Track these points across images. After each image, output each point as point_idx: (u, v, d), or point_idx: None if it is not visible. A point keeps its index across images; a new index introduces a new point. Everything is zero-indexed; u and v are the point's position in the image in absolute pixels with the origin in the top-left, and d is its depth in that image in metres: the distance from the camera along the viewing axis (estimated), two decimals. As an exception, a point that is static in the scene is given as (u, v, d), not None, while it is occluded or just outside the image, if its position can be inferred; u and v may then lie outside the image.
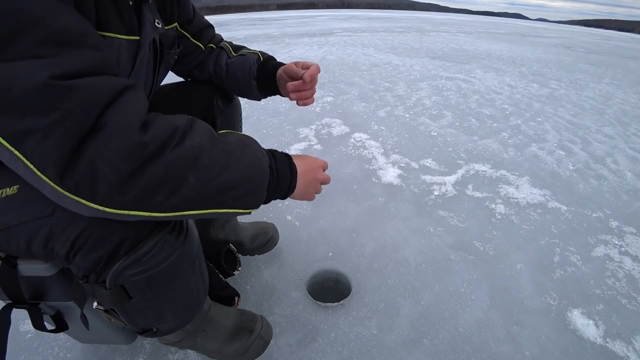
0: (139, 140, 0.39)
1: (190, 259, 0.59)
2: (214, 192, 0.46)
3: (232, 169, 0.47)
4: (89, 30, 0.42)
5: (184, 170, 0.43)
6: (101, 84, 0.39)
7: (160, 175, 0.41)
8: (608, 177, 1.87)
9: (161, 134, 0.41)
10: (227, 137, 0.50)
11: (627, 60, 7.01)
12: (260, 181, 0.52)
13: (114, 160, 0.38)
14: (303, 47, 5.52)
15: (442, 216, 1.43)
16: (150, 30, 0.60)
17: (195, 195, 0.45)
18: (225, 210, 0.50)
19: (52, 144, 0.36)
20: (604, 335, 0.97)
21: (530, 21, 36.28)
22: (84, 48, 0.40)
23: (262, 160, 0.53)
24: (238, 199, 0.50)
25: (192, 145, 0.44)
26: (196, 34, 0.85)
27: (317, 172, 0.66)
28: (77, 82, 0.37)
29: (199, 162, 0.44)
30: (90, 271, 0.50)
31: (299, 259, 1.17)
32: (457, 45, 6.60)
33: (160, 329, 0.63)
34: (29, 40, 0.36)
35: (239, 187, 0.49)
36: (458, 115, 2.61)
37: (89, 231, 0.46)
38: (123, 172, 0.39)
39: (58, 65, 0.37)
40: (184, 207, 0.45)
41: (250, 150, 0.52)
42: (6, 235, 0.49)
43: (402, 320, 0.98)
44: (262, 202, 0.55)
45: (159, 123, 0.42)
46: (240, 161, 0.49)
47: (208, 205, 0.47)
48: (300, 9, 37.89)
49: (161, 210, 0.44)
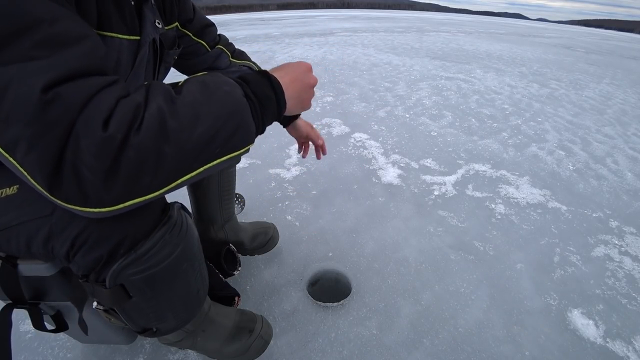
0: (102, 135, 0.37)
1: (190, 258, 0.59)
2: (196, 149, 0.43)
3: (202, 117, 0.43)
4: (86, 32, 0.41)
5: (155, 144, 0.40)
6: (81, 87, 0.38)
7: (134, 160, 0.39)
8: (608, 177, 1.87)
9: (123, 120, 0.39)
10: (184, 88, 0.46)
11: (627, 60, 7.02)
12: (239, 114, 0.47)
13: (88, 160, 0.37)
14: (303, 47, 5.52)
15: (442, 216, 1.43)
16: (151, 30, 0.60)
17: (179, 160, 0.42)
18: (219, 160, 0.46)
19: (36, 155, 0.36)
20: (604, 335, 0.97)
21: (530, 21, 36.28)
22: (78, 51, 0.39)
23: (232, 93, 0.48)
24: (226, 143, 0.46)
25: (152, 115, 0.41)
26: (198, 31, 0.84)
27: (304, 77, 0.60)
28: (61, 90, 0.37)
29: (166, 128, 0.41)
30: (90, 270, 0.50)
31: (299, 259, 1.17)
32: (457, 45, 6.60)
33: (160, 328, 0.63)
34: (24, 43, 0.36)
35: (220, 131, 0.45)
36: (458, 115, 2.62)
37: (89, 230, 0.46)
38: (100, 170, 0.38)
39: (48, 71, 0.36)
40: (176, 177, 0.43)
41: (214, 89, 0.47)
42: (6, 235, 0.49)
43: (402, 320, 0.98)
44: (256, 133, 0.51)
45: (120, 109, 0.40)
46: (207, 105, 0.45)
47: (198, 163, 0.44)
48: (300, 9, 37.88)
49: (154, 189, 0.42)
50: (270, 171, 1.70)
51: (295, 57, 4.63)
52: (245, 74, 0.53)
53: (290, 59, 4.48)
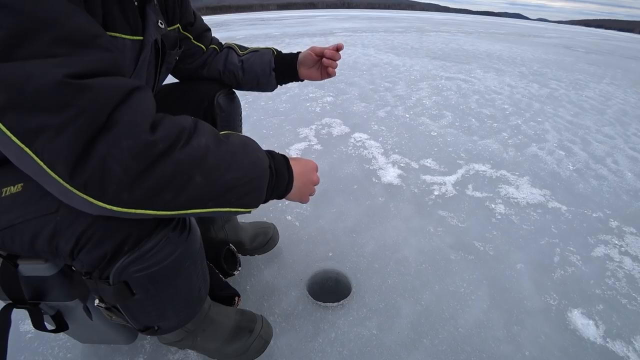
0: (149, 139, 0.40)
1: (193, 256, 0.59)
2: (219, 191, 0.47)
3: (235, 168, 0.49)
4: (100, 31, 0.43)
5: (191, 170, 0.44)
6: (113, 83, 0.40)
7: (168, 173, 0.42)
8: (608, 177, 1.87)
9: (170, 134, 0.42)
10: (230, 138, 0.51)
11: (627, 60, 7.02)
12: (261, 180, 0.53)
13: (125, 158, 0.38)
14: (303, 47, 5.50)
15: (442, 216, 1.43)
16: (154, 31, 0.61)
17: (201, 194, 0.46)
18: (228, 209, 0.51)
19: (63, 141, 0.37)
20: (604, 335, 0.97)
21: (531, 21, 36.29)
22: (96, 49, 0.40)
23: (262, 160, 0.54)
24: (241, 197, 0.51)
25: (199, 146, 0.45)
26: (198, 35, 0.88)
27: (310, 174, 0.67)
28: (90, 82, 0.38)
29: (205, 162, 0.45)
30: (94, 267, 0.51)
31: (299, 259, 1.17)
32: (457, 45, 6.60)
33: (161, 326, 0.63)
34: (43, 39, 0.37)
35: (242, 186, 0.50)
36: (458, 115, 2.62)
37: (94, 228, 0.47)
38: (133, 170, 0.39)
39: (71, 65, 0.37)
40: (190, 206, 0.46)
41: (251, 150, 0.53)
42: (10, 233, 0.49)
43: (402, 320, 0.98)
44: (262, 202, 0.56)
45: (167, 123, 0.43)
46: (243, 161, 0.50)
47: (213, 204, 0.48)
48: (300, 9, 37.91)
49: (167, 209, 0.45)
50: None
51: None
52: (273, 152, 0.60)
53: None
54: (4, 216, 0.49)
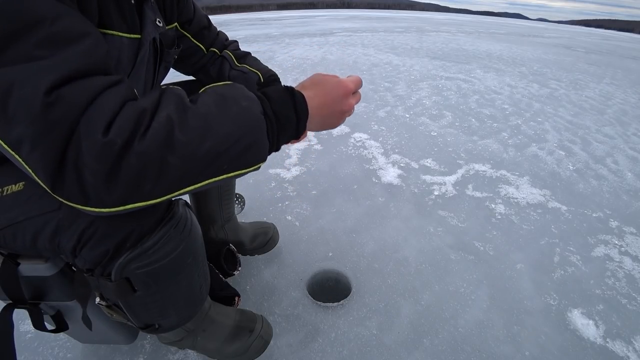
0: (102, 140, 0.37)
1: (194, 252, 0.60)
2: (202, 164, 0.42)
3: (213, 132, 0.42)
4: (88, 30, 0.42)
5: (159, 153, 0.39)
6: (83, 88, 0.38)
7: (136, 166, 0.39)
8: (608, 177, 1.87)
9: (125, 126, 0.39)
10: (200, 98, 0.45)
11: (627, 60, 7.02)
12: (254, 132, 0.45)
13: (89, 162, 0.37)
14: (303, 47, 5.52)
15: (442, 216, 1.43)
16: (152, 29, 0.60)
17: (184, 172, 0.41)
18: (226, 175, 0.45)
19: (39, 154, 0.37)
20: (604, 335, 0.97)
21: (531, 21, 36.27)
22: (79, 50, 0.39)
23: (249, 109, 0.46)
24: (235, 160, 0.45)
25: (160, 124, 0.40)
26: (197, 33, 0.84)
27: (337, 103, 0.55)
28: (63, 91, 0.37)
29: (172, 139, 0.40)
30: (96, 265, 0.51)
31: (299, 259, 1.17)
32: (457, 45, 6.60)
33: (162, 324, 0.63)
34: (28, 42, 0.36)
35: (231, 147, 0.43)
36: (458, 115, 2.62)
37: (96, 225, 0.47)
38: (101, 173, 0.38)
39: (52, 70, 0.37)
40: (179, 186, 0.43)
41: (232, 102, 0.45)
42: (12, 230, 0.49)
43: (402, 320, 0.98)
44: (269, 152, 0.49)
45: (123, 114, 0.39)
46: (220, 120, 0.43)
47: (203, 177, 0.43)
48: (300, 9, 37.88)
49: (156, 196, 0.42)
50: (270, 171, 1.70)
51: (295, 57, 4.62)
52: (269, 90, 0.51)
53: (290, 59, 4.47)
54: (6, 214, 0.49)
